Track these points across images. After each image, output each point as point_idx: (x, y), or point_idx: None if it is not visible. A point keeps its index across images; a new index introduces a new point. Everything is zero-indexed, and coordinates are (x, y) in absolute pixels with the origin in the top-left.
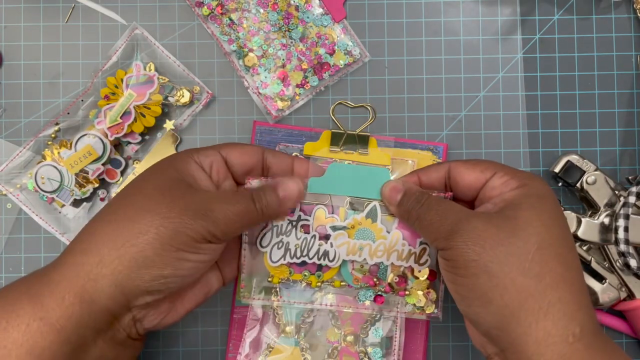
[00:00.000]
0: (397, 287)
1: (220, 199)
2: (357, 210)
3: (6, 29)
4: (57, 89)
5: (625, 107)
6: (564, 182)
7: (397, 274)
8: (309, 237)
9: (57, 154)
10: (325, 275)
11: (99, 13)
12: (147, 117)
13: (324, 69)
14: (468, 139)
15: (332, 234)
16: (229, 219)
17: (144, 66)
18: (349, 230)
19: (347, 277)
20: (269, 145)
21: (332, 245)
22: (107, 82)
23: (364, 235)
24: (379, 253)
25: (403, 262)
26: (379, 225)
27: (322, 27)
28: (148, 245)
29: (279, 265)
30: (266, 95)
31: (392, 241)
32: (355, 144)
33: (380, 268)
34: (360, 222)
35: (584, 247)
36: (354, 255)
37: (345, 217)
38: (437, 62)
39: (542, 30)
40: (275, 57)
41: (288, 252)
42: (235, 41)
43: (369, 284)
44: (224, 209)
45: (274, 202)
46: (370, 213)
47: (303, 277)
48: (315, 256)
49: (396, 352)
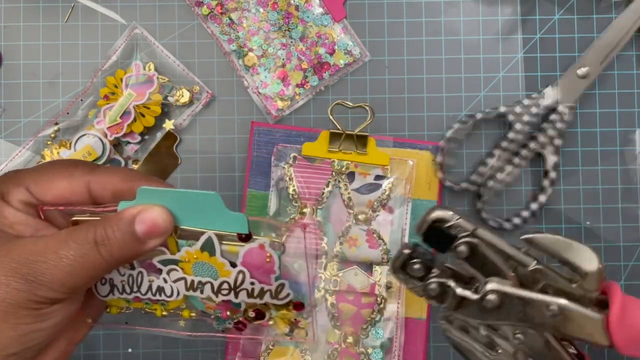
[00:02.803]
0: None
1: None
2: (189, 241)
3: (6, 29)
4: (56, 89)
5: (625, 107)
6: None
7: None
8: (134, 274)
9: (57, 154)
10: (171, 303)
11: (99, 13)
12: (147, 116)
13: (324, 69)
14: (468, 139)
15: (163, 268)
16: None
17: (143, 66)
18: (184, 264)
19: (198, 304)
20: (266, 146)
21: (167, 280)
22: (106, 81)
23: (203, 271)
24: (224, 291)
25: (256, 299)
26: (220, 259)
27: (322, 27)
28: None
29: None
30: (266, 95)
31: (237, 279)
32: (353, 144)
33: None
34: (195, 255)
35: None
36: (195, 292)
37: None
38: (437, 62)
39: (542, 30)
40: (275, 57)
41: (115, 287)
42: (235, 41)
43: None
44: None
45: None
46: (206, 245)
47: (145, 305)
48: (148, 292)
49: (397, 353)
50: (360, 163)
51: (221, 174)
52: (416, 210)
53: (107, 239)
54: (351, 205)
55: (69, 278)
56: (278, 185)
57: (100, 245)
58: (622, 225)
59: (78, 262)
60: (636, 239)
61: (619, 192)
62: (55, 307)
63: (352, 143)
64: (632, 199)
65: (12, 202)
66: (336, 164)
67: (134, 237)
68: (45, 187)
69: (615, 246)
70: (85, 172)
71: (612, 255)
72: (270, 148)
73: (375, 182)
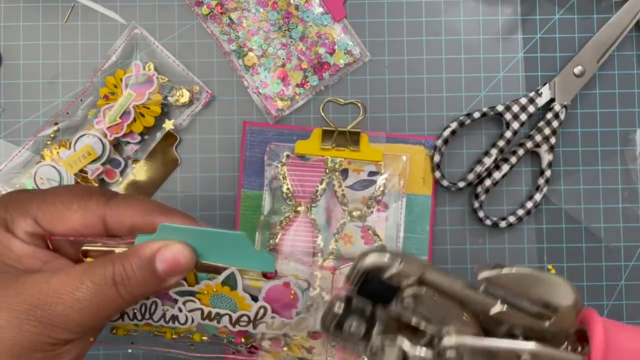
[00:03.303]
0: (272, 349)
1: (61, 288)
2: (209, 274)
3: (5, 29)
4: (56, 89)
5: (626, 107)
6: (376, 302)
7: (269, 338)
8: (148, 303)
9: (56, 154)
10: (182, 328)
11: (99, 12)
12: (147, 116)
13: (324, 69)
14: (466, 137)
15: (179, 299)
16: (81, 317)
17: (143, 66)
18: (202, 295)
19: (211, 329)
20: (259, 145)
21: (182, 310)
22: (106, 81)
23: (221, 303)
24: (242, 323)
25: (275, 331)
26: (241, 293)
27: (322, 27)
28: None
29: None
30: (266, 95)
31: (258, 313)
32: (346, 141)
33: None
34: (215, 289)
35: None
36: (211, 322)
37: (195, 282)
38: (437, 62)
39: (542, 30)
40: (275, 57)
41: (125, 315)
42: (234, 40)
43: (234, 341)
44: (71, 305)
45: (149, 282)
46: (228, 280)
47: (154, 329)
48: (161, 320)
49: None
50: (354, 160)
51: (221, 174)
52: (411, 205)
53: (127, 278)
54: (345, 202)
55: (86, 318)
56: (272, 184)
57: (119, 285)
58: (622, 225)
59: (95, 302)
60: (636, 239)
61: (619, 192)
62: (70, 345)
63: (345, 140)
64: (632, 199)
65: (18, 234)
66: (329, 162)
67: (154, 274)
68: (56, 219)
69: (615, 246)
70: (101, 203)
71: (612, 256)
72: (263, 147)
73: (369, 179)
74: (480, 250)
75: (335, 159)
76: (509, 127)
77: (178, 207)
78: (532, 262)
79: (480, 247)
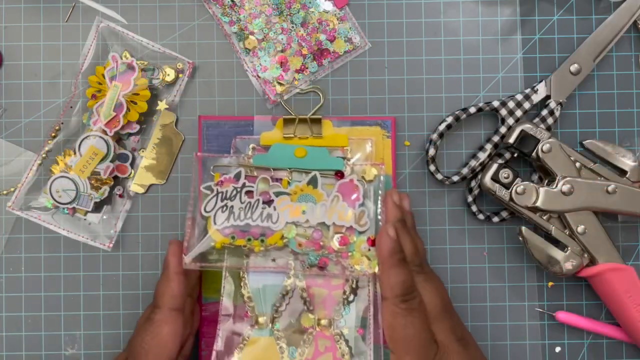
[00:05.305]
0: (340, 247)
1: None
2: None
3: (6, 29)
4: (57, 89)
5: (625, 107)
6: (520, 152)
7: (339, 233)
8: (252, 201)
9: (64, 164)
10: (269, 240)
11: (99, 12)
12: (139, 103)
13: (323, 56)
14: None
15: (275, 198)
16: None
17: (120, 56)
18: (292, 196)
19: (291, 243)
20: (217, 139)
21: (276, 209)
22: (89, 81)
23: (306, 200)
24: (320, 214)
25: (344, 222)
26: (320, 190)
27: (323, 13)
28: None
29: (222, 229)
30: (265, 79)
31: (332, 203)
32: (308, 128)
33: (323, 235)
34: (302, 188)
35: (544, 216)
36: (297, 217)
37: (287, 186)
38: (437, 62)
39: (541, 31)
40: (275, 41)
41: (232, 215)
42: (236, 23)
43: (314, 248)
44: None
45: None
46: (312, 180)
47: (247, 242)
48: (258, 218)
49: (371, 330)
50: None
51: None
52: None
53: None
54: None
55: None
56: None
57: None
58: (622, 225)
59: None
60: (636, 239)
61: None
62: None
63: (307, 128)
64: None
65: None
66: None
67: None
68: None
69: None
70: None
71: None
72: (222, 141)
73: None
74: (474, 250)
75: None
76: (504, 123)
77: None
78: (530, 259)
79: (479, 247)
